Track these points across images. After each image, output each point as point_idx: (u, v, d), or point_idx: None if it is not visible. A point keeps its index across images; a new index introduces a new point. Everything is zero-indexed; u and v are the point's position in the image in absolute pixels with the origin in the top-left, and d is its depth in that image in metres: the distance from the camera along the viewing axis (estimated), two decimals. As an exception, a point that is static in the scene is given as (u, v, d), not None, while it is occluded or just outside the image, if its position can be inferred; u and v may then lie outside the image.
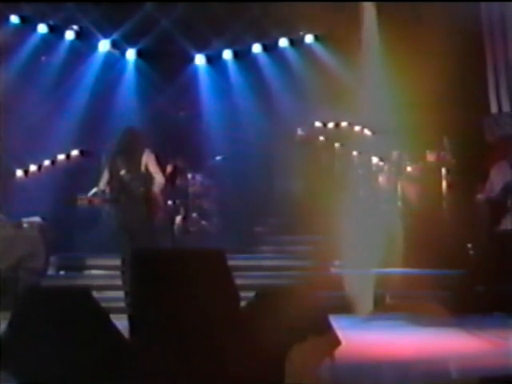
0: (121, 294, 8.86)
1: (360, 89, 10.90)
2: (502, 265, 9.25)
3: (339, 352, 6.13)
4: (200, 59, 13.66)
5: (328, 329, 6.17)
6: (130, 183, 8.94)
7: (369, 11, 11.16)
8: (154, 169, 9.05)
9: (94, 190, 9.26)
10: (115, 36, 12.92)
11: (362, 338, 7.84)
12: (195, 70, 13.70)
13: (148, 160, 9.03)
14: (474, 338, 7.97)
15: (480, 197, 9.63)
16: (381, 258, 10.08)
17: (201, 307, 5.66)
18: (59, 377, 5.50)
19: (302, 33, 13.30)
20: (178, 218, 11.81)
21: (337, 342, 6.13)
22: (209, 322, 5.63)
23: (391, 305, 9.76)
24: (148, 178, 9.03)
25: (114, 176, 9.01)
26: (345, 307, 9.36)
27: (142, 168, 9.03)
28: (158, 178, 9.08)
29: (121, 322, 6.05)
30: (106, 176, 9.07)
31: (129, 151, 9.09)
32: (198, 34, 12.98)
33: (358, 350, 7.09)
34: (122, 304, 8.42)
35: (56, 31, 12.59)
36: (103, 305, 6.04)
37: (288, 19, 12.39)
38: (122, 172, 8.95)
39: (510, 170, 9.62)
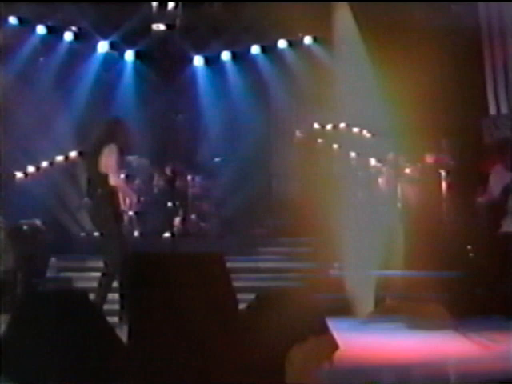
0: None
1: (358, 91, 10.90)
2: (501, 267, 9.25)
3: (338, 355, 6.11)
4: (198, 60, 13.68)
5: (325, 332, 6.14)
6: (90, 185, 8.39)
7: (364, 12, 11.17)
8: (110, 168, 8.09)
9: None
10: (114, 37, 12.92)
11: (361, 341, 7.83)
12: (194, 71, 13.71)
13: (107, 158, 8.11)
14: (473, 340, 7.95)
15: (480, 199, 9.62)
16: (380, 260, 10.07)
17: (199, 311, 5.64)
18: (57, 379, 5.49)
19: (300, 34, 13.29)
20: (177, 220, 11.80)
21: (334, 346, 6.11)
22: (207, 325, 5.62)
23: (391, 307, 9.74)
24: (106, 178, 8.18)
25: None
26: (345, 309, 9.35)
27: (102, 167, 8.17)
28: (111, 180, 8.14)
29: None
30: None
31: (94, 148, 8.33)
32: (197, 35, 12.97)
33: (358, 353, 7.07)
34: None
35: (55, 32, 12.59)
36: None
37: (287, 20, 12.36)
38: (87, 173, 8.49)
39: (509, 171, 9.61)
